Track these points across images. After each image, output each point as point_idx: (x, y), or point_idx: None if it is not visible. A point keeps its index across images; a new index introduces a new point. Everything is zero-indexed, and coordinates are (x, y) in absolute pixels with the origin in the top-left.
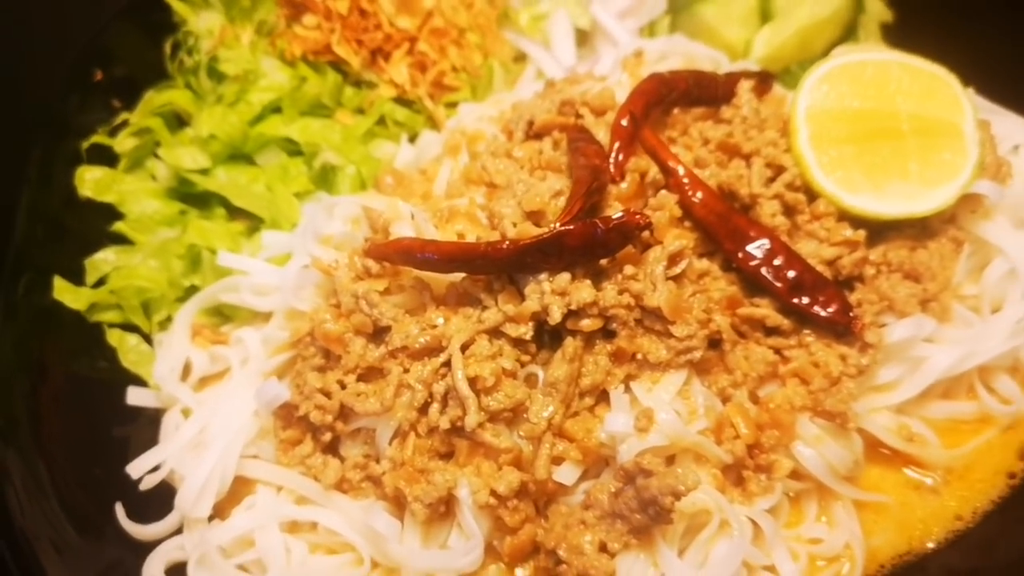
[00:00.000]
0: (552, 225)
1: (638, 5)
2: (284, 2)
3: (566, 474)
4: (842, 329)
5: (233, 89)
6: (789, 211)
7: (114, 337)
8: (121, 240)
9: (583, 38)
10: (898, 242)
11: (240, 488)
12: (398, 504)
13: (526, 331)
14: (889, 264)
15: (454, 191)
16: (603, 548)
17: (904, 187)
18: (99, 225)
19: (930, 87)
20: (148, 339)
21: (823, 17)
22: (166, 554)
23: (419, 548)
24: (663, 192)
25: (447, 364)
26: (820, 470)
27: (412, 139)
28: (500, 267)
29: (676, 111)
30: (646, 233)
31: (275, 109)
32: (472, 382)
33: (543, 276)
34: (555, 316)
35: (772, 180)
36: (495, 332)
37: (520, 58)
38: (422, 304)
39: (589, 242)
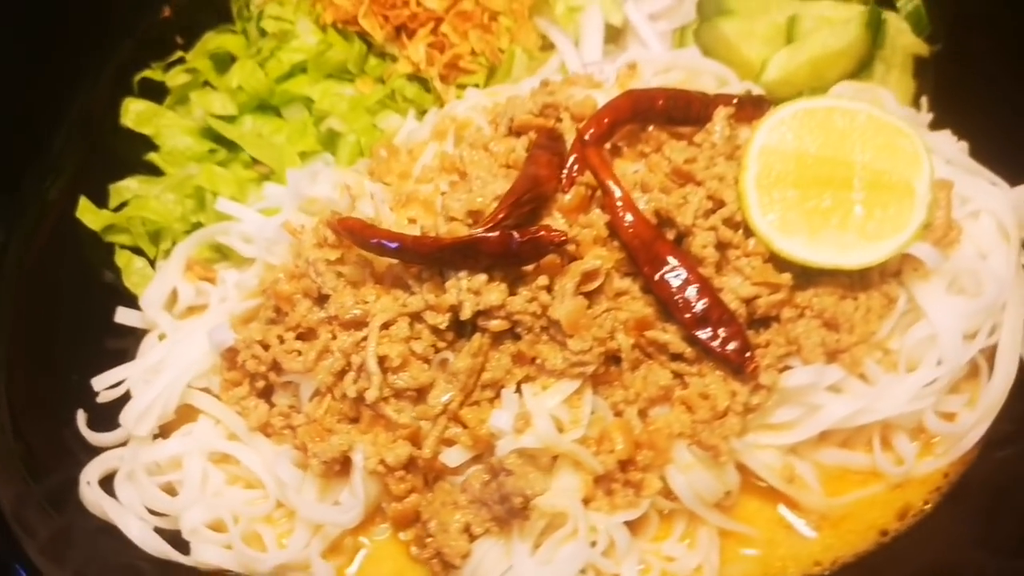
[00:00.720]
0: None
1: (672, 8)
2: None
3: (453, 456)
4: (736, 367)
5: (270, 45)
6: (722, 245)
7: (122, 258)
8: (153, 170)
9: (616, 35)
10: (829, 289)
11: (187, 414)
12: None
13: (442, 321)
14: (812, 309)
15: (425, 175)
16: (467, 530)
17: (840, 238)
18: (137, 153)
19: (892, 142)
20: (153, 265)
21: (836, 49)
22: (104, 463)
23: (312, 499)
24: (595, 211)
25: (367, 339)
26: (687, 496)
27: (421, 116)
28: (423, 261)
29: (652, 128)
30: (573, 247)
31: (303, 69)
32: (381, 360)
33: (463, 274)
34: (466, 312)
35: (711, 212)
36: (417, 317)
37: (548, 47)
38: (365, 278)
39: (503, 251)
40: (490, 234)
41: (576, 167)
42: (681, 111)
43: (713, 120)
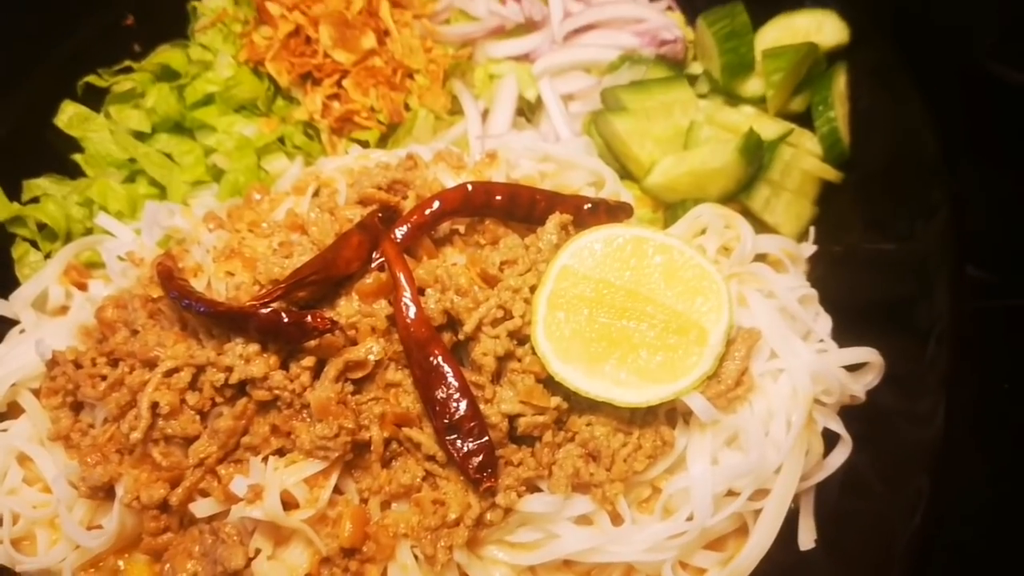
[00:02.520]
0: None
1: (588, 91)
2: (257, 8)
3: (201, 507)
4: (474, 482)
5: (193, 71)
6: (503, 357)
7: (20, 249)
8: (77, 172)
9: (532, 109)
10: (604, 420)
11: (15, 410)
12: None
13: (219, 379)
14: (579, 436)
15: (265, 230)
16: None
17: (618, 373)
18: (67, 151)
19: (699, 285)
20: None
21: (713, 167)
22: None
23: (78, 518)
24: (380, 302)
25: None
26: None
27: (309, 164)
28: (212, 321)
29: (488, 222)
30: (352, 332)
31: (213, 100)
32: (154, 405)
33: (240, 340)
34: (233, 377)
35: (500, 321)
36: (201, 370)
37: (458, 111)
38: (176, 321)
39: (271, 327)
40: (262, 310)
41: (382, 254)
42: (523, 208)
43: (545, 226)
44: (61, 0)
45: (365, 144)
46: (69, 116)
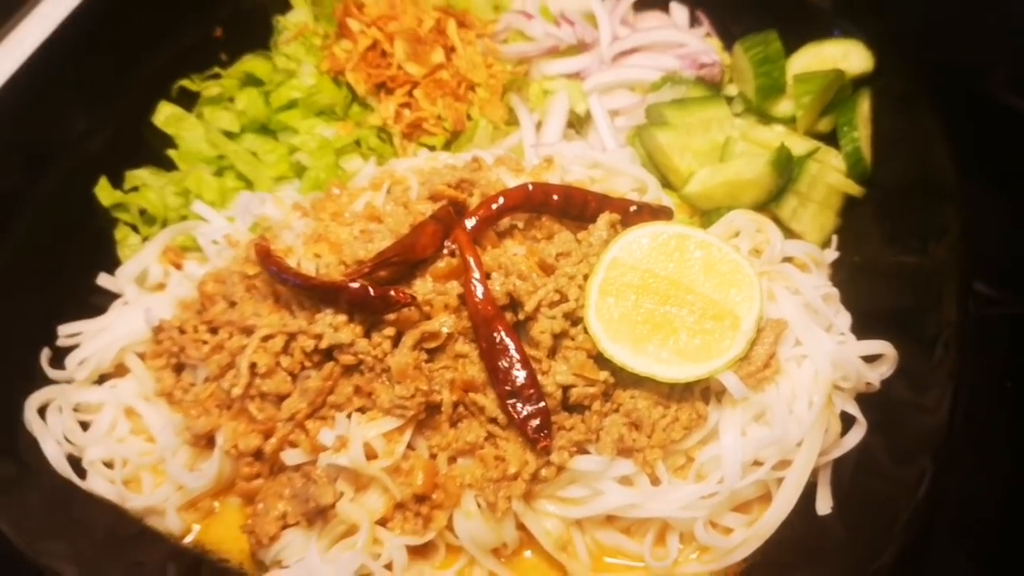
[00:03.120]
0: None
1: (633, 107)
2: (339, 23)
3: (292, 456)
4: (531, 441)
5: (278, 79)
6: (558, 335)
7: (121, 232)
8: (171, 165)
9: (580, 122)
10: (647, 394)
11: (122, 371)
12: None
13: (310, 345)
14: (623, 407)
15: (349, 219)
16: (283, 517)
17: (660, 352)
18: (162, 149)
19: (734, 278)
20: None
21: (746, 178)
22: (46, 393)
23: (180, 463)
24: (452, 282)
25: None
26: (464, 538)
27: (381, 165)
28: (304, 294)
29: (545, 218)
30: (428, 307)
31: (296, 104)
32: (252, 365)
33: (329, 311)
34: (323, 343)
35: (557, 304)
36: (293, 337)
37: (514, 121)
38: (269, 295)
39: (358, 300)
40: (352, 284)
41: (454, 241)
42: (577, 208)
43: (597, 223)
44: (158, 13)
45: (432, 148)
46: (165, 116)
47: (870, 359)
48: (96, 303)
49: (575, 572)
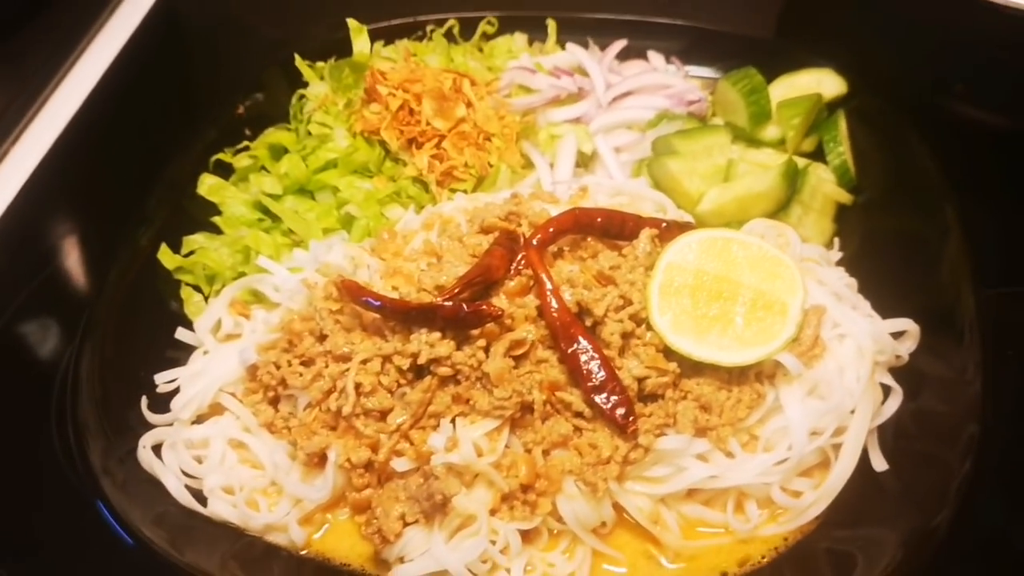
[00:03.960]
0: (437, 298)
1: (634, 144)
2: (366, 90)
3: (400, 464)
4: (620, 427)
5: (313, 144)
6: (626, 335)
7: (186, 292)
8: (215, 229)
9: (587, 161)
10: (710, 380)
11: (218, 409)
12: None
13: (405, 363)
14: (692, 393)
15: (411, 256)
16: (402, 517)
17: (721, 340)
18: (207, 215)
19: (776, 270)
20: (207, 299)
21: (757, 191)
22: (156, 435)
23: (296, 479)
24: (530, 296)
25: (350, 369)
26: (569, 518)
27: (420, 210)
28: (396, 318)
29: (590, 239)
30: (509, 320)
31: (335, 164)
32: (357, 386)
33: (424, 331)
34: (422, 358)
35: (621, 308)
36: (388, 358)
37: (529, 165)
38: (355, 325)
39: (453, 317)
40: (446, 303)
41: (522, 262)
42: (616, 228)
43: (640, 238)
44: (185, 100)
45: (464, 192)
46: (209, 186)
47: (895, 336)
48: (171, 356)
49: (669, 542)
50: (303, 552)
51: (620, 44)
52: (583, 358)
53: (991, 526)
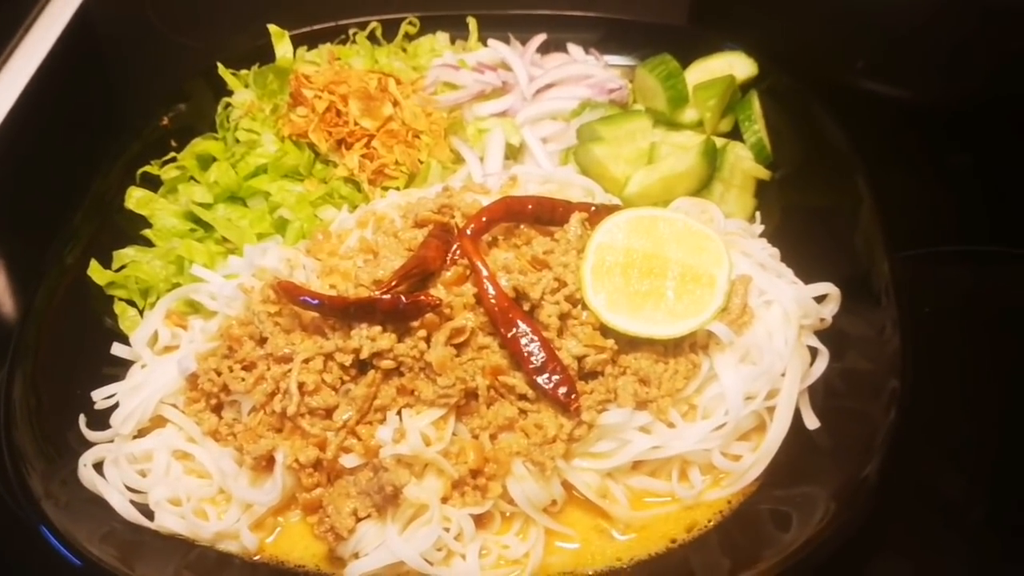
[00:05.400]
0: (375, 292)
1: (560, 133)
2: (291, 94)
3: (349, 460)
4: (563, 406)
5: (241, 150)
6: (563, 316)
7: (120, 307)
8: (146, 243)
9: (515, 152)
10: (647, 354)
11: (159, 421)
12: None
13: (347, 359)
14: (631, 368)
15: (347, 254)
16: (354, 513)
17: (654, 315)
18: (136, 229)
19: (702, 244)
20: (141, 313)
21: (680, 171)
22: (97, 452)
23: (244, 485)
24: (467, 285)
25: (292, 369)
26: (520, 499)
27: (353, 209)
28: (336, 314)
29: (522, 226)
30: (448, 309)
31: (265, 170)
32: (300, 385)
33: (364, 326)
34: (364, 353)
35: (557, 290)
36: (330, 356)
37: (459, 160)
38: (295, 326)
39: (392, 310)
40: (384, 296)
41: (457, 252)
42: (547, 214)
43: (570, 222)
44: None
45: (396, 189)
46: (137, 199)
47: (818, 300)
48: (109, 373)
49: (618, 515)
50: (256, 557)
51: (540, 38)
52: (523, 341)
53: (918, 474)
